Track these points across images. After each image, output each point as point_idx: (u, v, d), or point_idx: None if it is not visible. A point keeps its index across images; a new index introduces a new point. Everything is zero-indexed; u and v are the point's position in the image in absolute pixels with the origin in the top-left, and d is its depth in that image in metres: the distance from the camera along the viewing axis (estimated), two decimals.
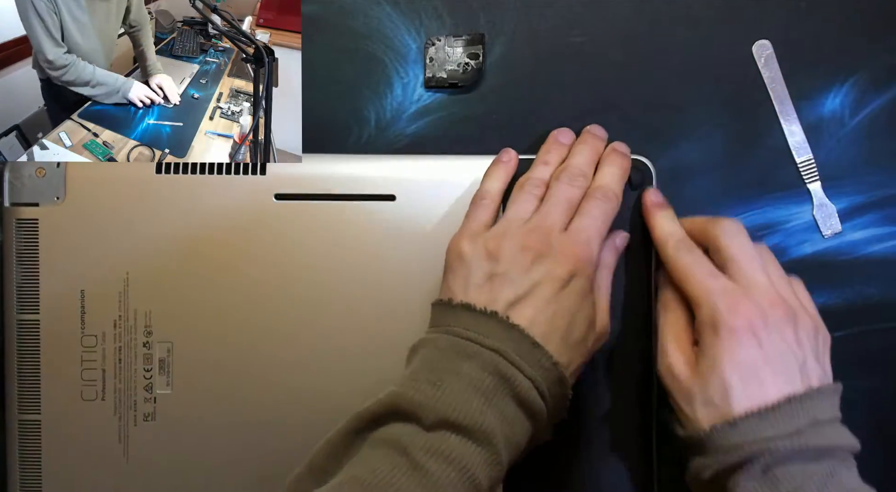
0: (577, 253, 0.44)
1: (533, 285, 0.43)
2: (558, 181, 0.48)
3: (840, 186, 0.55)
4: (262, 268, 0.51)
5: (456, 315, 0.43)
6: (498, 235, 0.45)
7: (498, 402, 0.41)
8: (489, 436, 0.40)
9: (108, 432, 0.51)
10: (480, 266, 0.44)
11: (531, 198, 0.48)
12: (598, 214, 0.47)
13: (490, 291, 0.43)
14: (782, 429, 0.42)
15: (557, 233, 0.45)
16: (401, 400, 0.41)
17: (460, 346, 0.42)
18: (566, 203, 0.47)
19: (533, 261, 0.44)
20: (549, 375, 0.42)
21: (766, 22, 0.55)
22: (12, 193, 0.51)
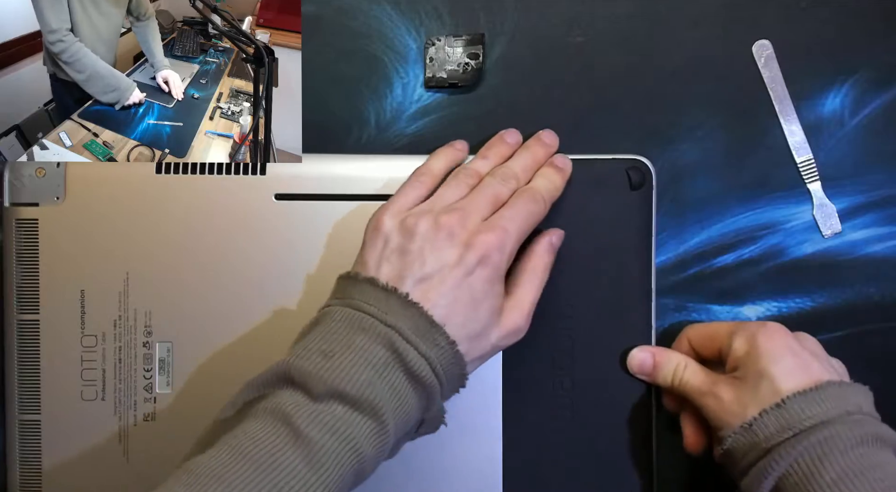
0: (490, 240, 0.44)
1: (441, 267, 0.43)
2: (491, 177, 0.48)
3: (840, 186, 0.55)
4: (262, 268, 0.51)
5: (360, 289, 0.43)
6: (417, 212, 0.46)
7: (388, 375, 0.41)
8: (376, 408, 0.40)
9: (108, 432, 0.51)
10: (394, 240, 0.45)
11: (462, 186, 0.48)
12: (520, 210, 0.46)
13: (399, 267, 0.44)
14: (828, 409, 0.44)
15: (475, 219, 0.45)
16: (291, 369, 0.41)
17: (357, 319, 0.42)
18: (492, 197, 0.47)
19: (445, 241, 0.44)
20: (445, 354, 0.42)
21: (766, 22, 0.55)
22: (12, 192, 0.51)
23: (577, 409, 0.52)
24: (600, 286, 0.52)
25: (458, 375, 0.44)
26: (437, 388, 0.42)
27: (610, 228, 0.52)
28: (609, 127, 0.55)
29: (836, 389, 0.45)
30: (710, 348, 0.51)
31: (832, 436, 0.43)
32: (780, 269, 0.55)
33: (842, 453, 0.42)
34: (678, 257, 0.55)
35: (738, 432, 0.45)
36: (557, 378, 0.52)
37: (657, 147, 0.55)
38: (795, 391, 0.44)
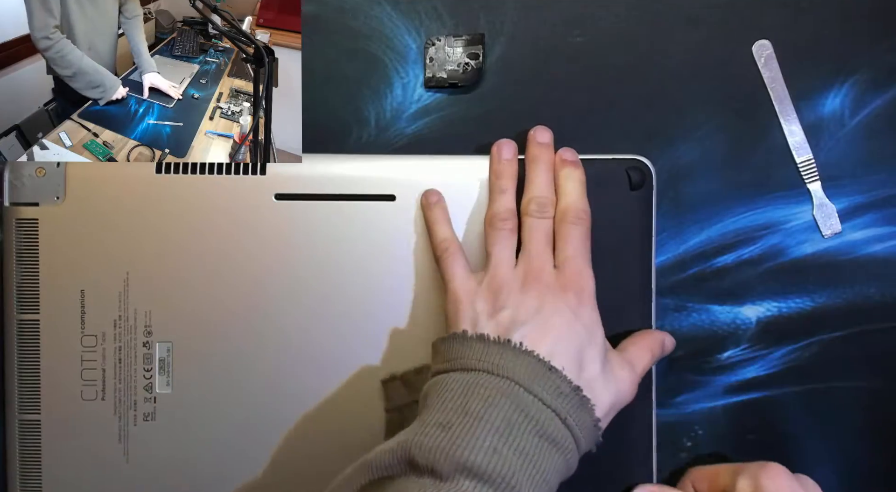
0: (576, 283, 0.45)
1: (544, 318, 0.43)
2: (529, 217, 0.48)
3: (840, 186, 0.55)
4: (262, 268, 0.51)
5: (467, 347, 0.42)
6: (491, 281, 0.46)
7: (515, 437, 0.38)
8: (507, 477, 0.37)
9: (108, 432, 0.51)
10: (485, 311, 0.44)
11: (508, 235, 0.48)
12: (577, 239, 0.47)
13: (501, 324, 0.43)
14: None
15: (549, 272, 0.46)
16: (412, 447, 0.38)
17: (471, 382, 0.40)
18: (545, 238, 0.47)
19: (537, 297, 0.44)
20: (570, 401, 0.40)
21: (766, 22, 0.55)
22: (12, 192, 0.51)
23: None
24: (600, 286, 0.52)
25: (590, 424, 0.41)
26: (570, 441, 0.40)
27: (610, 228, 0.52)
28: (609, 127, 0.55)
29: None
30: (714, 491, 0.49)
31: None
32: (780, 269, 0.55)
33: None
34: (678, 257, 0.55)
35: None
36: None
37: (657, 147, 0.55)
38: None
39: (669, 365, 0.55)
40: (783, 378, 0.55)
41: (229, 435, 0.51)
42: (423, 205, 0.50)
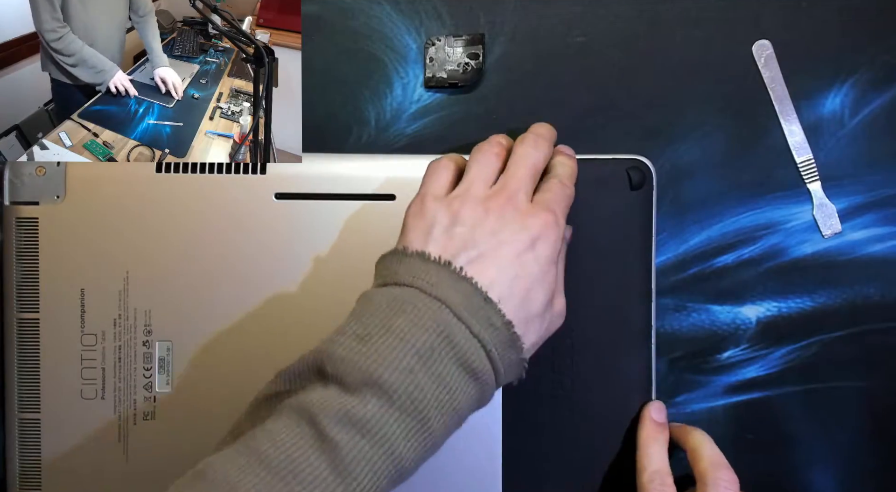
0: (545, 218, 0.41)
1: (497, 244, 0.40)
2: (523, 143, 0.45)
3: (840, 186, 0.55)
4: (262, 267, 0.51)
5: (406, 263, 0.40)
6: (460, 196, 0.42)
7: (434, 361, 0.36)
8: (417, 402, 0.36)
9: (107, 431, 0.51)
10: (441, 222, 0.41)
11: (493, 157, 0.44)
12: (558, 193, 0.44)
13: (450, 245, 0.40)
14: None
15: (523, 197, 0.42)
16: (323, 356, 0.37)
17: (400, 298, 0.38)
18: (531, 168, 0.44)
19: (497, 222, 0.41)
20: (500, 335, 0.38)
21: (766, 22, 0.55)
22: (12, 191, 0.51)
23: (577, 409, 0.52)
24: (600, 286, 0.52)
25: (515, 360, 0.40)
26: (491, 376, 0.38)
27: (610, 228, 0.52)
28: (609, 127, 0.55)
29: None
30: None
31: None
32: (780, 269, 0.55)
33: None
34: (678, 257, 0.55)
35: None
36: (557, 378, 0.52)
37: (657, 147, 0.55)
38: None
39: (669, 365, 0.55)
40: (783, 378, 0.55)
41: None
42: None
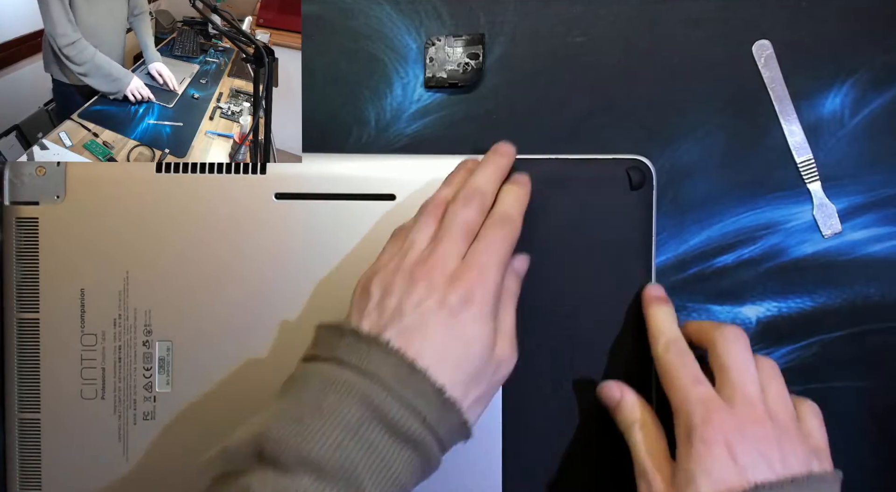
0: (471, 279, 0.42)
1: (423, 314, 0.41)
2: (454, 203, 0.46)
3: (840, 186, 0.55)
4: (261, 267, 0.51)
5: (342, 341, 0.41)
6: (393, 269, 0.44)
7: (364, 433, 0.38)
8: (348, 473, 0.37)
9: (107, 431, 0.51)
10: (375, 297, 0.43)
11: (430, 221, 0.46)
12: (493, 239, 0.44)
13: (381, 319, 0.42)
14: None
15: (453, 261, 0.43)
16: (261, 439, 0.38)
17: (330, 377, 0.40)
18: (462, 227, 0.45)
19: (423, 292, 0.42)
20: (433, 402, 0.39)
21: (766, 22, 0.55)
22: (12, 191, 0.51)
23: (577, 409, 0.52)
24: (600, 286, 0.52)
25: (456, 424, 0.41)
26: (430, 442, 0.39)
27: (610, 228, 0.52)
28: (609, 127, 0.55)
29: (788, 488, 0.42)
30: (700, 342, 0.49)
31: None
32: (780, 269, 0.55)
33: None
34: (678, 257, 0.55)
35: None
36: (557, 378, 0.52)
37: (657, 147, 0.55)
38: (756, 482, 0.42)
39: None
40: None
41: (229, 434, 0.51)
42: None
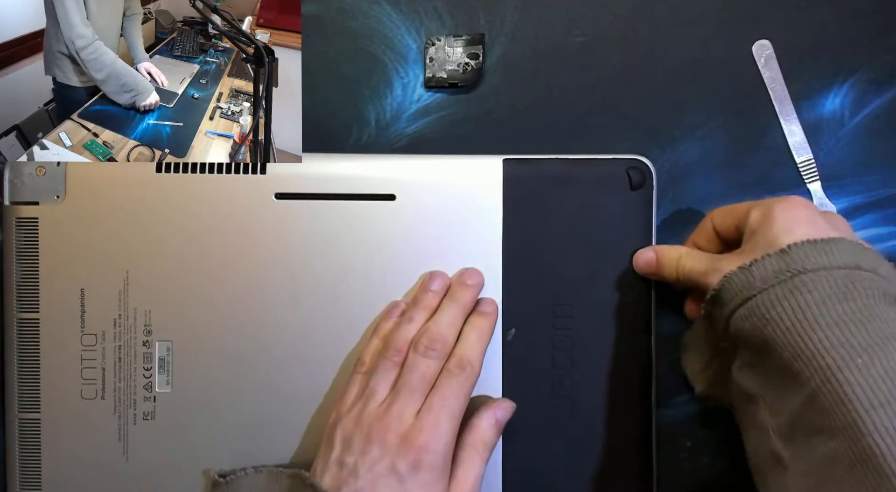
0: (421, 443, 0.44)
1: (374, 478, 0.43)
2: (415, 351, 0.47)
3: (840, 186, 0.55)
4: (262, 267, 0.51)
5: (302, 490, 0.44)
6: (355, 417, 0.46)
7: None
8: None
9: (107, 431, 0.51)
10: (336, 451, 0.45)
11: (391, 367, 0.47)
12: (450, 393, 0.46)
13: (338, 478, 0.44)
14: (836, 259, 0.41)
15: (408, 417, 0.45)
16: None
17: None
18: (419, 380, 0.46)
19: (377, 453, 0.44)
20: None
21: (766, 22, 0.55)
22: (12, 191, 0.51)
23: (577, 409, 0.52)
24: (600, 286, 0.52)
25: None
26: None
27: (610, 228, 0.52)
28: (609, 127, 0.55)
29: (849, 245, 0.42)
30: (730, 225, 0.48)
31: (835, 282, 0.40)
32: None
33: (842, 300, 0.40)
34: None
35: (733, 273, 0.43)
36: (557, 378, 0.52)
37: (657, 147, 0.55)
38: (804, 240, 0.42)
39: (670, 365, 0.55)
40: None
41: (229, 434, 0.51)
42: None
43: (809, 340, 0.39)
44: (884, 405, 0.37)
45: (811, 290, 0.40)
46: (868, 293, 0.40)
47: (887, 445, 0.36)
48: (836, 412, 0.38)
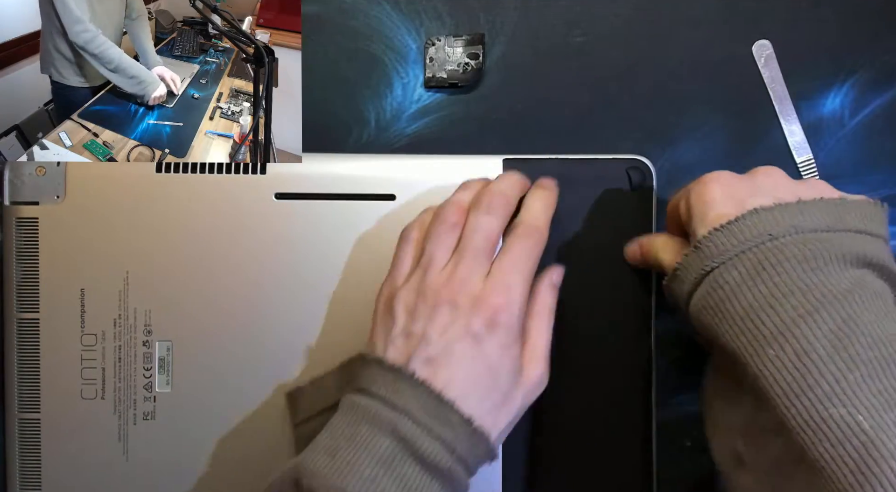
0: (495, 303, 0.41)
1: (448, 343, 0.41)
2: (476, 210, 0.44)
3: (840, 186, 0.55)
4: (261, 267, 0.51)
5: (368, 372, 0.42)
6: (415, 287, 0.43)
7: (397, 467, 0.38)
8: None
9: (107, 431, 0.51)
10: (400, 322, 0.42)
11: (449, 230, 0.44)
12: (519, 254, 0.43)
13: (406, 348, 0.41)
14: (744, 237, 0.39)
15: (476, 281, 0.42)
16: (300, 471, 0.39)
17: (362, 409, 0.40)
18: (484, 241, 0.43)
19: (448, 317, 0.41)
20: (461, 433, 0.39)
21: (766, 22, 0.55)
22: (12, 191, 0.51)
23: (576, 409, 0.52)
24: (600, 286, 0.52)
25: (483, 451, 0.41)
26: (459, 472, 0.39)
27: (610, 228, 0.52)
28: (609, 127, 0.55)
29: (762, 215, 0.39)
30: (675, 220, 0.47)
31: (743, 267, 0.38)
32: None
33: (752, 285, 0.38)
34: None
35: (669, 279, 0.42)
36: (557, 378, 0.52)
37: (657, 147, 0.55)
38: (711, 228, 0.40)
39: (669, 365, 0.55)
40: None
41: (229, 434, 0.51)
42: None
43: (730, 338, 0.38)
44: (800, 396, 0.35)
45: (722, 284, 0.39)
46: (777, 269, 0.38)
47: (811, 439, 0.34)
48: (771, 410, 0.36)
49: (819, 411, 0.34)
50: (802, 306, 0.36)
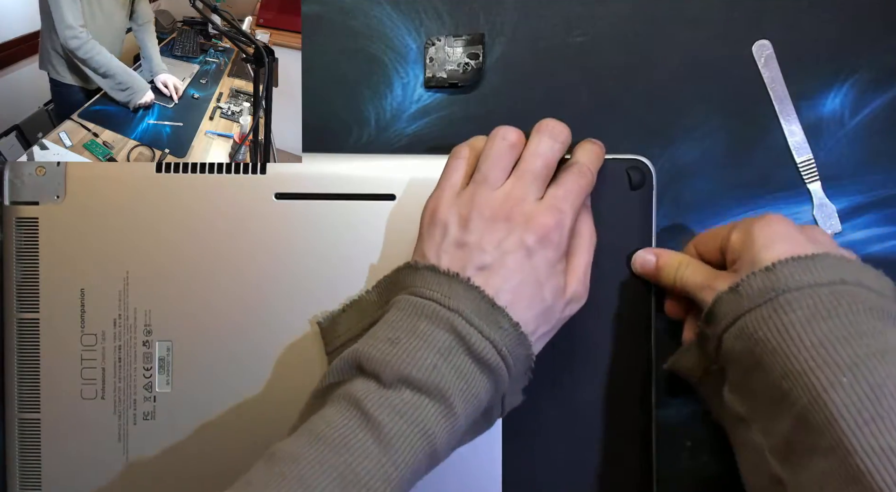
0: (547, 222, 0.45)
1: (502, 254, 0.44)
2: (539, 133, 0.47)
3: (840, 186, 0.55)
4: (261, 267, 0.51)
5: (421, 277, 0.44)
6: (470, 201, 0.46)
7: (453, 358, 0.42)
8: (443, 391, 0.41)
9: (107, 431, 0.51)
10: (452, 233, 0.45)
11: (506, 150, 0.47)
12: (571, 188, 0.47)
13: (460, 258, 0.44)
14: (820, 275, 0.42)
15: (531, 201, 0.46)
16: (360, 358, 0.42)
17: (420, 305, 0.43)
18: (543, 167, 0.47)
19: (503, 230, 0.45)
20: (509, 335, 0.43)
21: (766, 22, 0.55)
22: (12, 191, 0.51)
23: (576, 408, 0.52)
24: (600, 286, 0.52)
25: (524, 355, 0.44)
26: (503, 369, 0.43)
27: (610, 228, 0.52)
28: (609, 127, 0.55)
29: (832, 260, 0.43)
30: (713, 248, 0.49)
31: (819, 299, 0.41)
32: None
33: (826, 317, 0.40)
34: None
35: (724, 292, 0.44)
36: (557, 378, 0.52)
37: (657, 147, 0.55)
38: (787, 257, 0.43)
39: None
40: None
41: (229, 434, 0.51)
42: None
43: (795, 360, 0.40)
44: (868, 423, 0.37)
45: (795, 309, 0.41)
46: (853, 309, 0.41)
47: (874, 464, 0.36)
48: (825, 432, 0.38)
49: (887, 439, 0.37)
50: (875, 346, 0.39)
